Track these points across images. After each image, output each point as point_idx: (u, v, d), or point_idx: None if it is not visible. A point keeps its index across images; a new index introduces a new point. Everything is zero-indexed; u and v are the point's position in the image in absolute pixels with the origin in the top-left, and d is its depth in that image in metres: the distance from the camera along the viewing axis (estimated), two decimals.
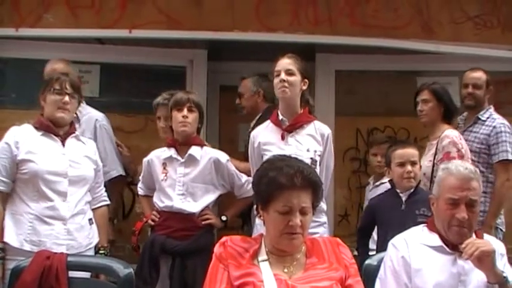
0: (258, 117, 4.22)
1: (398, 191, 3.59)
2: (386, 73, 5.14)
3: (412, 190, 3.57)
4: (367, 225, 3.76)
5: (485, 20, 4.98)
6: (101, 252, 3.44)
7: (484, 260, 2.40)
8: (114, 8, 4.83)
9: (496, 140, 4.09)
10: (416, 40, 4.90)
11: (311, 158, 3.37)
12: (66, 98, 3.26)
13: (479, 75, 4.29)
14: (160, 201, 3.49)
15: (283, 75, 3.42)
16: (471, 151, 4.04)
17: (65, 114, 3.28)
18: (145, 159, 3.64)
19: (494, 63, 4.96)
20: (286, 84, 3.41)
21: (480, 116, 4.23)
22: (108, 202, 3.62)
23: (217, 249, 2.38)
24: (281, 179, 2.27)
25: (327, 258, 2.35)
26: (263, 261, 2.31)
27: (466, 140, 4.07)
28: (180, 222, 3.43)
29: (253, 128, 4.02)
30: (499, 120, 4.18)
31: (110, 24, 4.81)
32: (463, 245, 2.44)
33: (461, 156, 3.71)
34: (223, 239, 2.41)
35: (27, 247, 3.08)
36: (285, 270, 2.30)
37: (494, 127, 4.13)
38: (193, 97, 3.55)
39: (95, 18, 4.83)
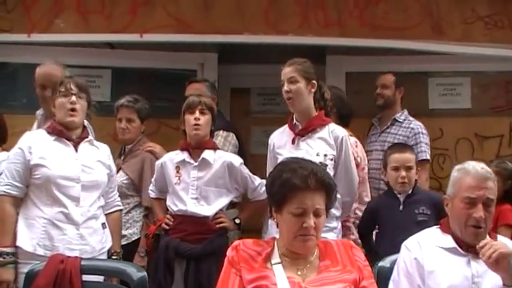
0: None
1: (395, 192, 3.61)
2: (397, 74, 5.14)
3: (409, 191, 3.59)
4: (367, 227, 3.77)
5: (496, 20, 4.97)
6: (113, 257, 3.43)
7: (501, 263, 2.36)
8: (125, 12, 4.85)
9: (415, 141, 4.31)
10: (426, 41, 4.90)
11: (320, 162, 3.30)
12: (73, 98, 3.26)
13: (387, 77, 4.59)
14: (174, 205, 3.48)
15: (286, 86, 3.43)
16: None
17: (75, 117, 3.28)
18: (158, 162, 3.64)
19: (504, 62, 4.96)
20: (291, 95, 3.42)
21: (397, 118, 4.49)
22: (122, 207, 3.63)
23: (229, 253, 2.38)
24: (295, 181, 2.28)
25: (340, 261, 2.35)
26: (276, 264, 2.31)
27: (384, 141, 4.38)
28: (194, 226, 3.42)
29: None
30: (415, 122, 4.43)
31: (121, 28, 4.83)
32: (480, 244, 2.41)
33: (357, 165, 3.73)
34: (236, 242, 2.42)
35: (40, 251, 3.08)
36: (299, 272, 2.30)
37: (412, 128, 4.37)
38: (205, 100, 3.53)
39: (105, 23, 4.86)
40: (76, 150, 3.28)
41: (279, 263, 2.31)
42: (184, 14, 4.87)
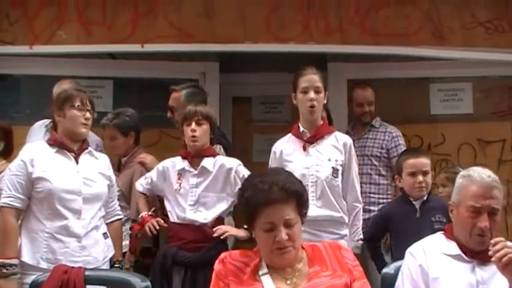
0: None
1: (411, 199, 3.58)
2: (399, 81, 5.13)
3: (425, 198, 3.56)
4: (377, 235, 3.75)
5: (496, 25, 4.97)
6: (116, 266, 3.44)
7: (510, 267, 2.32)
8: (126, 23, 4.86)
9: (394, 144, 4.54)
10: (427, 47, 4.89)
11: (332, 168, 3.42)
12: (88, 114, 3.31)
13: (369, 93, 4.72)
14: (173, 212, 3.48)
15: (312, 94, 3.45)
16: (372, 156, 4.54)
17: (86, 129, 3.33)
18: (160, 165, 3.63)
19: (506, 67, 4.95)
20: (315, 103, 3.46)
21: (373, 124, 4.69)
22: (122, 216, 3.63)
23: (216, 266, 2.32)
24: (256, 198, 2.22)
25: (330, 265, 2.29)
26: (264, 274, 2.25)
27: (364, 147, 4.59)
28: (192, 234, 3.41)
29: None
30: (391, 126, 4.67)
31: (122, 39, 4.84)
32: (493, 241, 2.35)
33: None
34: (222, 255, 2.35)
35: (43, 265, 3.08)
36: (288, 282, 2.24)
37: (390, 132, 4.61)
38: (201, 109, 3.52)
39: (107, 34, 4.87)
40: (77, 162, 3.29)
41: (266, 273, 2.25)
42: (186, 24, 4.88)
